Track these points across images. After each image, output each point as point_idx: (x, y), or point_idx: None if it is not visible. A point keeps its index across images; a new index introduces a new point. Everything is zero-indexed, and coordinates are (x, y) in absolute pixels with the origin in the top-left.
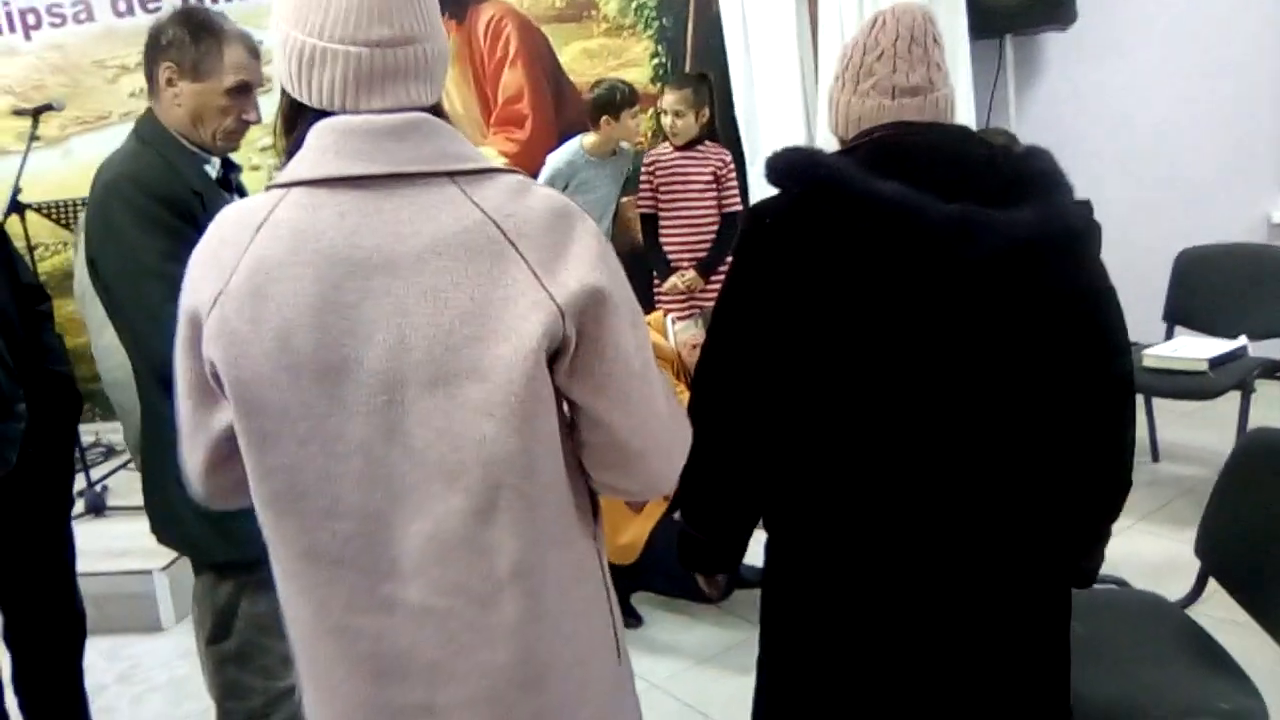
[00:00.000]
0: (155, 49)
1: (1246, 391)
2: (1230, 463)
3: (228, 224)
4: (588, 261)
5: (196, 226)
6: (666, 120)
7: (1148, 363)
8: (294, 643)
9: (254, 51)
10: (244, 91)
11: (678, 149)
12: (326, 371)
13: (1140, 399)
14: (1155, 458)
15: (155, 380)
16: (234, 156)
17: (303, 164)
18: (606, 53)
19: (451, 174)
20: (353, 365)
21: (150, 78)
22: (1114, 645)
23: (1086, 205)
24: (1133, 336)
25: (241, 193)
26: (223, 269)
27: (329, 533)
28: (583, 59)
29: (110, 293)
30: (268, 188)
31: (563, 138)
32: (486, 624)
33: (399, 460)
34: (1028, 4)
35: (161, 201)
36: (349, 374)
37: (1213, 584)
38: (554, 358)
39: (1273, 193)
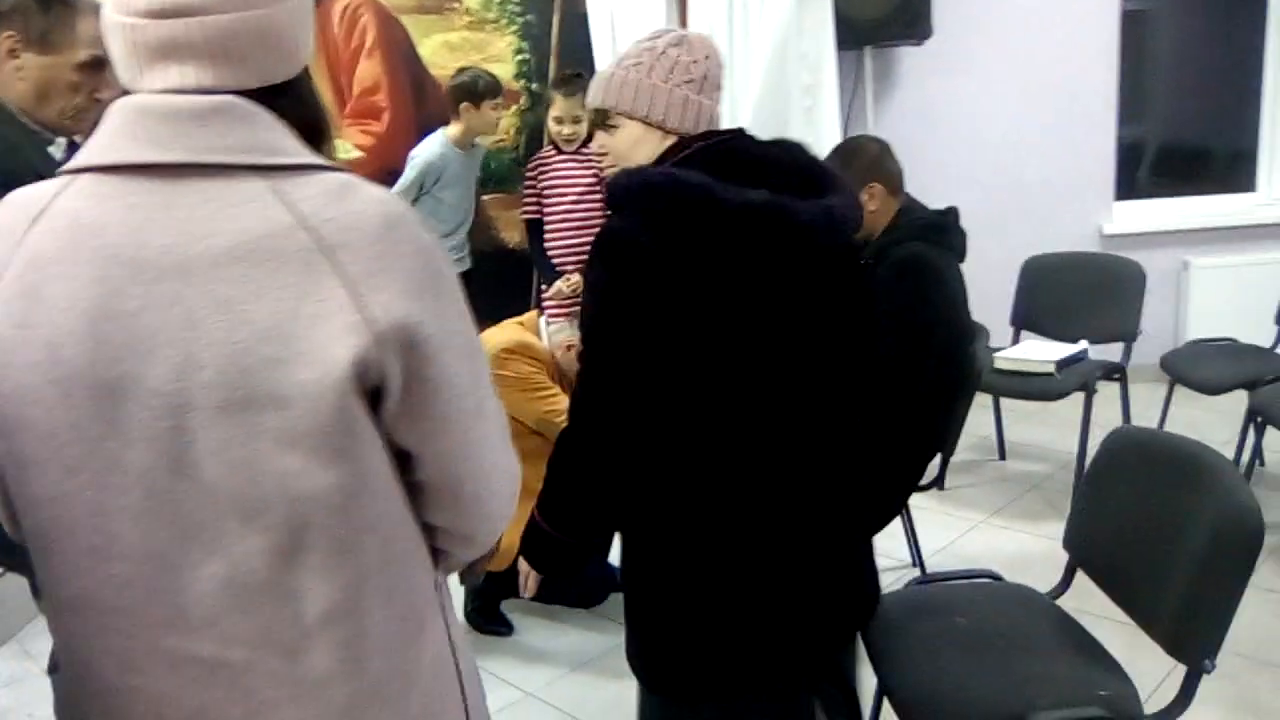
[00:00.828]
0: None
1: (1089, 392)
2: (1096, 459)
3: (5, 211)
4: (417, 284)
5: None
6: (560, 128)
7: (999, 365)
8: (59, 704)
9: None
10: (97, 67)
11: (564, 153)
12: (102, 389)
13: (989, 399)
14: (1002, 455)
15: None
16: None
17: (94, 147)
18: (469, 46)
19: (262, 168)
20: (132, 384)
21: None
22: (994, 637)
23: (953, 212)
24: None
25: None
26: (6, 265)
27: (100, 577)
28: (444, 52)
29: None
30: (57, 172)
31: (422, 133)
32: (293, 676)
33: (187, 495)
34: (886, 17)
35: (3, 185)
36: (128, 394)
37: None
38: (376, 395)
39: (1106, 204)
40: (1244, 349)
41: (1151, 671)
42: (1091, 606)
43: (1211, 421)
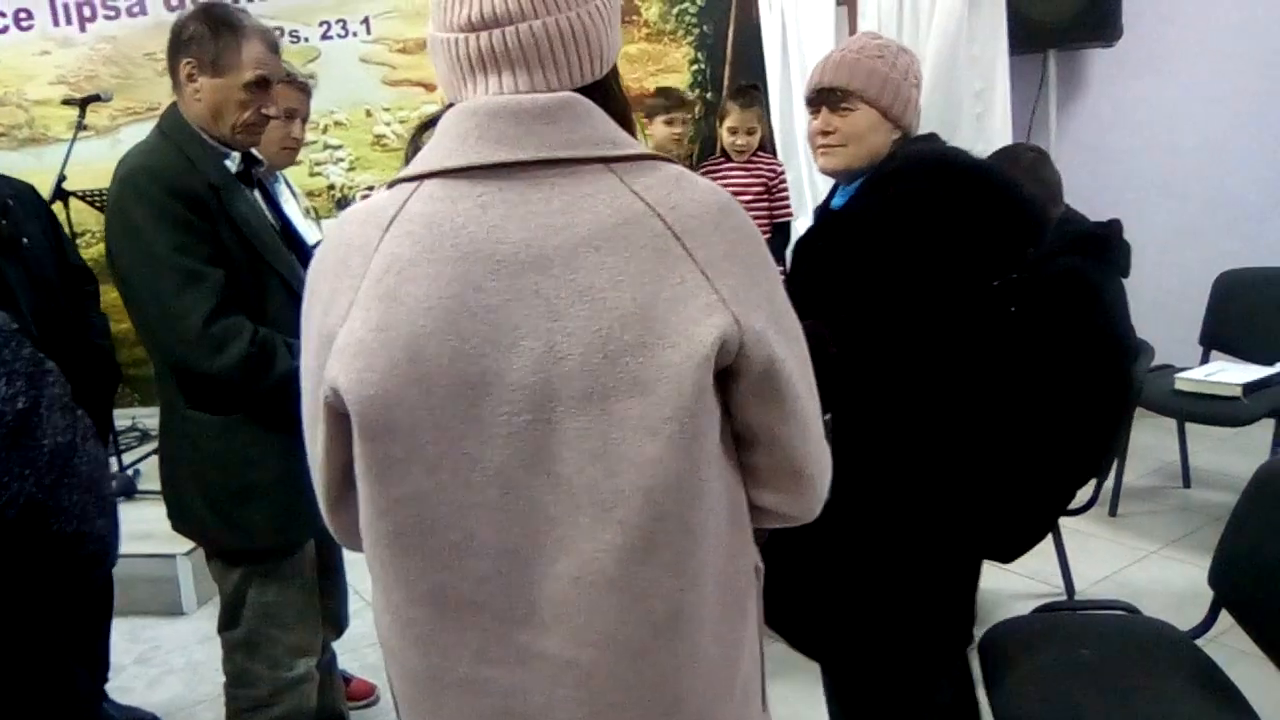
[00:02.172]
0: (177, 45)
1: (1278, 419)
2: (1248, 491)
3: (352, 225)
4: (754, 270)
5: (212, 221)
6: (735, 138)
7: (1181, 386)
8: (401, 700)
9: (273, 46)
10: (262, 86)
11: (733, 161)
12: (463, 386)
13: (1173, 423)
14: (1187, 484)
15: (169, 373)
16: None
17: (437, 152)
18: (647, 58)
19: (608, 160)
20: (494, 379)
21: (173, 72)
22: (1119, 673)
23: (1116, 224)
24: (1168, 359)
25: (263, 187)
26: (354, 277)
27: (460, 572)
28: (623, 63)
29: (125, 284)
30: (391, 183)
31: None
32: (640, 679)
33: (542, 490)
34: (1072, 19)
35: (176, 195)
36: (489, 389)
37: (1228, 615)
38: (725, 372)
39: None
40: None
41: None
42: (1251, 648)
43: None
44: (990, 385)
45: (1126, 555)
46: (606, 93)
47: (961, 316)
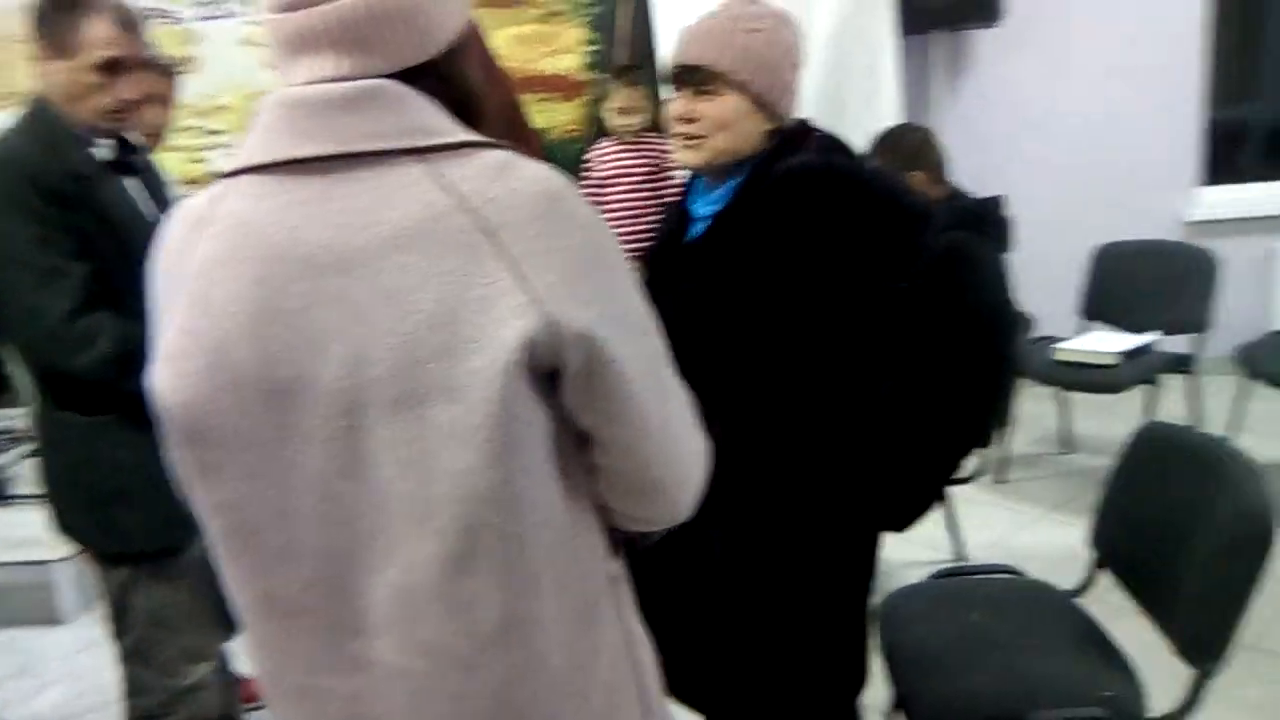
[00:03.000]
0: (30, 25)
1: (1153, 385)
2: (1123, 454)
3: (178, 223)
4: (583, 263)
5: (76, 212)
6: (626, 119)
7: (1060, 356)
8: (264, 700)
9: (128, 25)
10: (113, 68)
11: (620, 142)
12: (274, 392)
13: (1054, 392)
14: (1068, 449)
15: (35, 372)
16: None
17: (251, 146)
18: (538, 39)
19: (418, 151)
20: (305, 384)
21: (34, 55)
22: (1005, 634)
23: (998, 200)
24: (1049, 331)
25: (148, 173)
26: (177, 277)
27: (286, 578)
28: (513, 46)
29: None
30: (217, 178)
31: (497, 122)
32: (472, 689)
33: (361, 497)
34: (955, 1)
35: (33, 187)
36: (301, 395)
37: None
38: (551, 376)
39: (1188, 191)
40: None
41: (1178, 672)
42: (1127, 604)
43: None
44: (880, 364)
45: (1013, 520)
46: (442, 77)
47: (855, 322)
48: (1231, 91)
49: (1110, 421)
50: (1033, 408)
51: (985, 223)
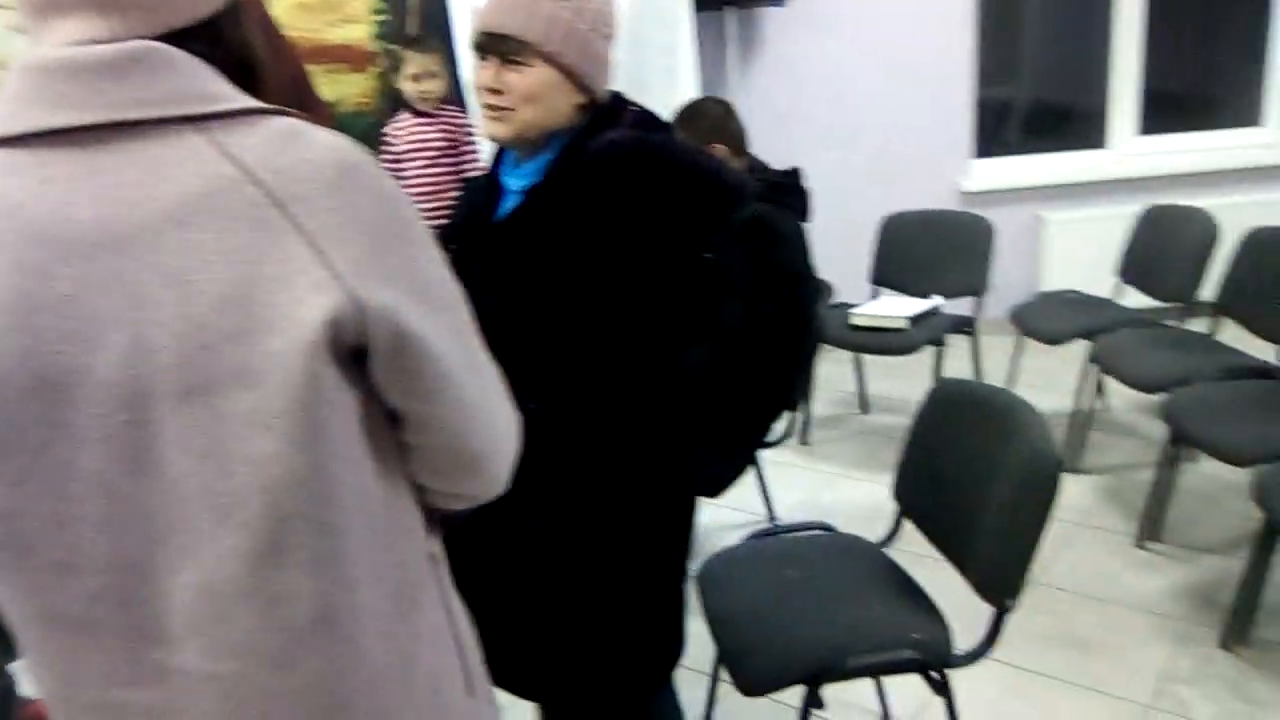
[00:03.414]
0: None
1: (940, 345)
2: (920, 412)
3: None
4: (383, 236)
5: None
6: (419, 85)
7: (854, 321)
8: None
9: None
10: None
11: (417, 114)
12: (42, 388)
13: (851, 355)
14: (865, 409)
15: None
16: None
17: None
18: (323, 7)
19: (195, 118)
20: (77, 377)
21: None
22: (820, 588)
23: (797, 172)
24: (844, 297)
25: None
26: None
27: (69, 593)
28: (296, 13)
29: None
30: None
31: (282, 95)
32: (289, 686)
33: (151, 496)
34: None
35: None
36: (74, 390)
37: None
38: (356, 354)
39: (964, 162)
40: (1086, 300)
41: (980, 611)
42: (930, 552)
43: (1060, 370)
44: (687, 335)
45: (818, 480)
46: (216, 39)
47: (667, 297)
48: (999, 71)
49: (903, 382)
50: (832, 371)
51: (786, 194)
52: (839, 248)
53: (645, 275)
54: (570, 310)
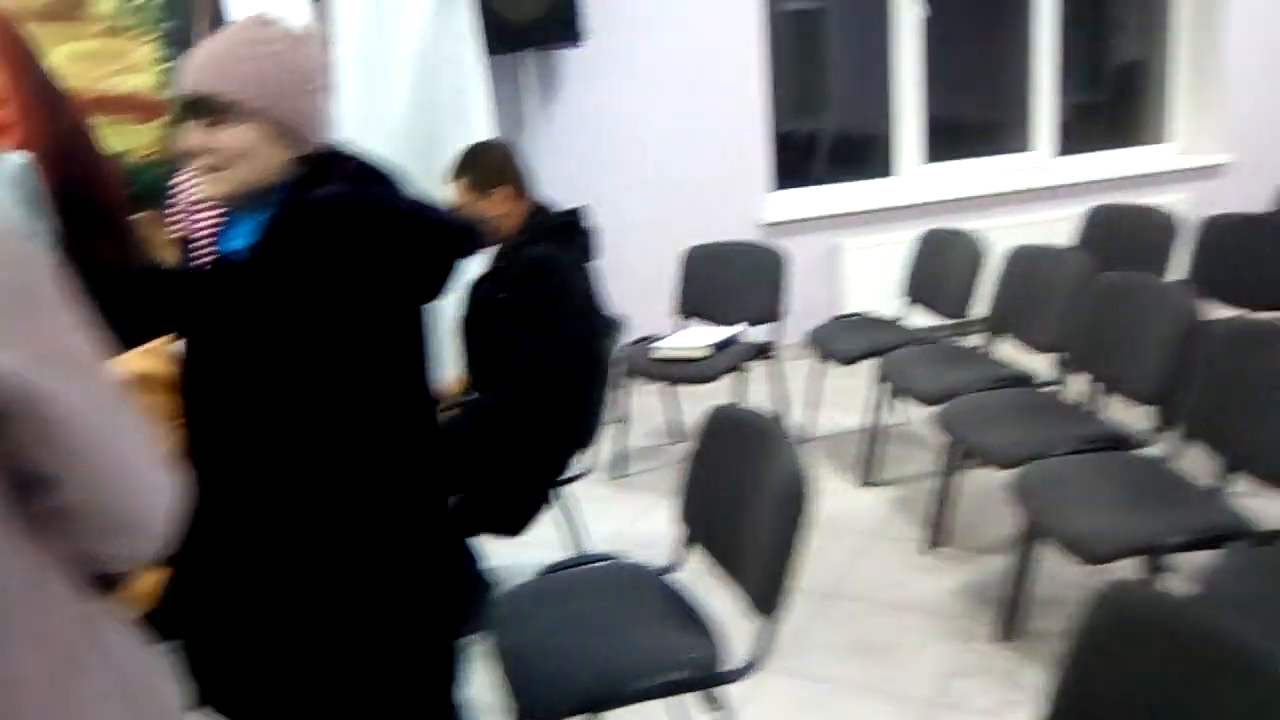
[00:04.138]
0: None
1: (741, 371)
2: (697, 437)
3: None
4: (20, 295)
5: None
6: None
7: (659, 354)
8: None
9: None
10: None
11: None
12: None
13: (659, 386)
14: (678, 439)
15: None
16: None
17: None
18: (106, 56)
19: None
20: None
21: None
22: (604, 617)
23: (580, 212)
24: (652, 330)
25: None
26: None
27: None
28: (77, 63)
29: None
30: None
31: (60, 148)
32: None
33: None
34: (539, 21)
35: None
36: None
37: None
38: None
39: (763, 195)
40: (875, 322)
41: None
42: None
43: (860, 388)
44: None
45: (632, 510)
46: None
47: (398, 347)
48: (804, 104)
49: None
50: (648, 403)
51: (569, 234)
52: (644, 281)
53: (367, 329)
54: (287, 367)
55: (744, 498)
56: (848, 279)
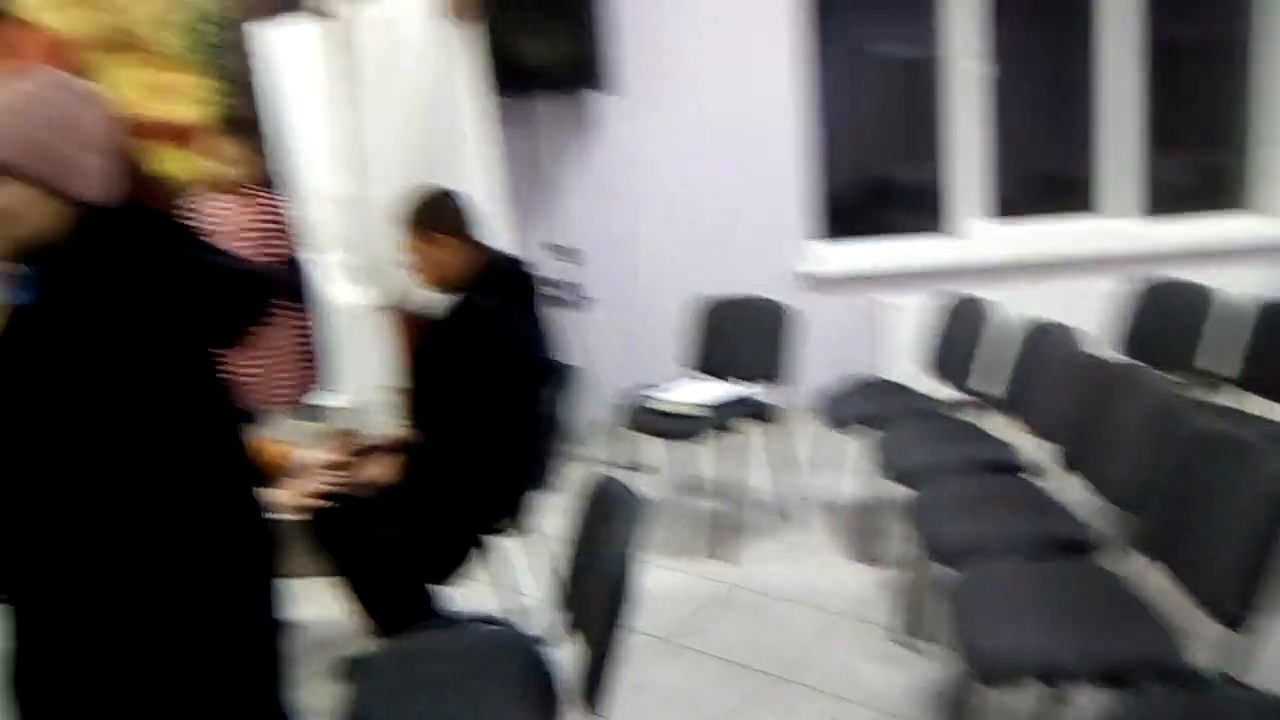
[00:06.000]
0: None
1: (728, 431)
2: (579, 509)
3: None
4: None
5: None
6: (214, 168)
7: (653, 405)
8: None
9: None
10: None
11: (225, 194)
12: None
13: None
14: (689, 493)
15: None
16: None
17: None
18: (164, 88)
19: None
20: None
21: None
22: (461, 684)
23: (528, 264)
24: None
25: None
26: None
27: None
28: (139, 93)
29: None
30: None
31: None
32: None
33: None
34: (560, 64)
35: None
36: None
37: None
38: None
39: (797, 246)
40: (889, 386)
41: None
42: None
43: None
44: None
45: None
46: None
47: (193, 393)
48: (837, 161)
49: (726, 465)
50: (651, 453)
51: (512, 284)
52: (672, 332)
53: (152, 383)
54: (72, 417)
55: (597, 571)
56: (888, 338)
